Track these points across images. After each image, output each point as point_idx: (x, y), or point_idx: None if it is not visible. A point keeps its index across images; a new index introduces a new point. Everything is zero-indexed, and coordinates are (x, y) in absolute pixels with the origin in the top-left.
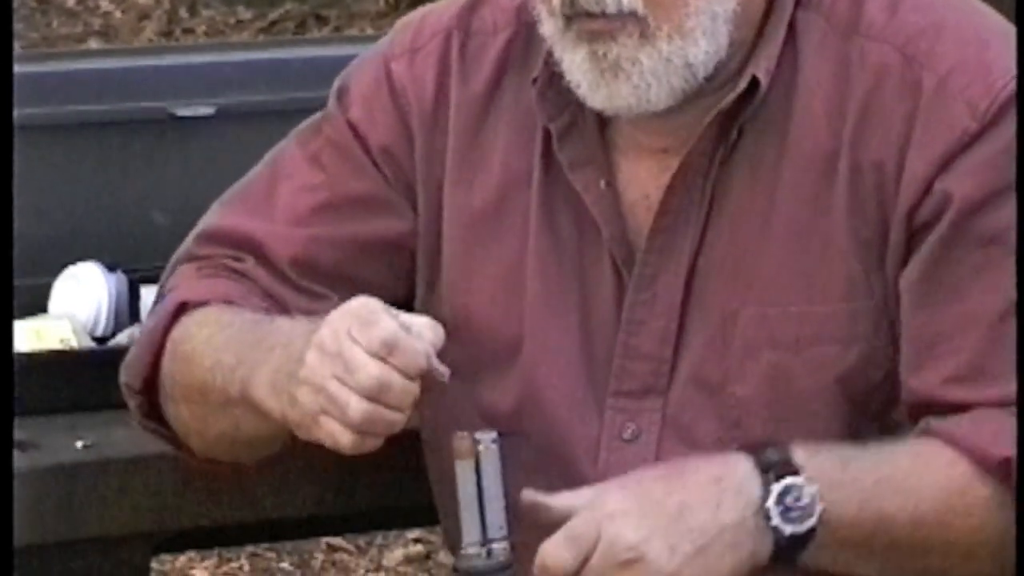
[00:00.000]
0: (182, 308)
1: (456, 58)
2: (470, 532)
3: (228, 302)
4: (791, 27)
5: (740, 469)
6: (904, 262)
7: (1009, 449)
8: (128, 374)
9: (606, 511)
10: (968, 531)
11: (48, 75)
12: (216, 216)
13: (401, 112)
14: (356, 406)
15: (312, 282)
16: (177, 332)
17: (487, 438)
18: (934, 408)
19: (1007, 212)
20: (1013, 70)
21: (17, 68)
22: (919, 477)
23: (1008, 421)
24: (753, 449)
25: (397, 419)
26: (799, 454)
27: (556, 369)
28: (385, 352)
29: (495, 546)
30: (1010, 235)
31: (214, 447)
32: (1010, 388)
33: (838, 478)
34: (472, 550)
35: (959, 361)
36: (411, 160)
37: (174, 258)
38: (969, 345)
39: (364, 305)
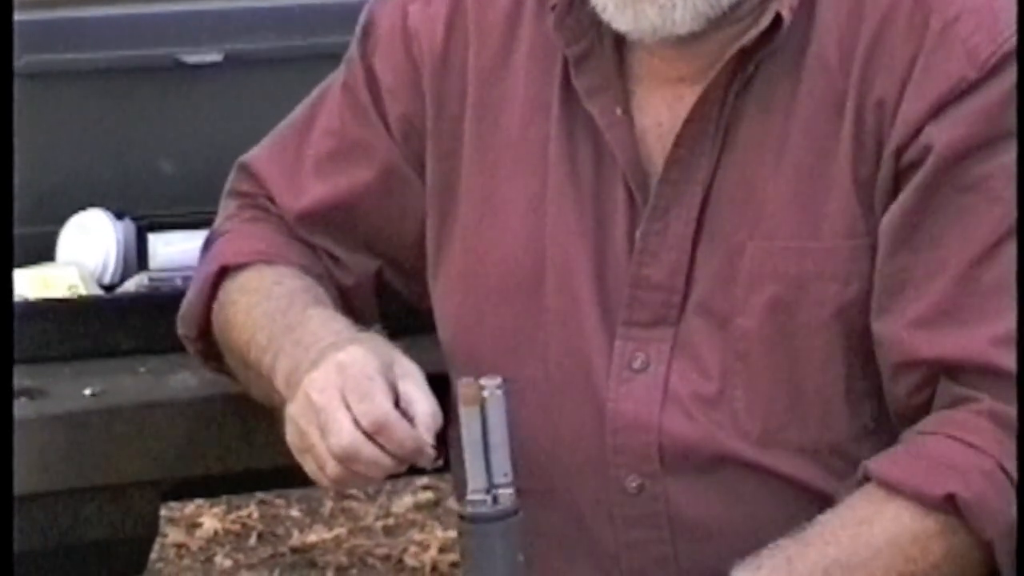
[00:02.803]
0: (225, 267)
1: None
2: (476, 478)
3: (268, 261)
4: None
5: None
6: (887, 200)
7: (950, 482)
8: (184, 326)
9: None
10: (930, 567)
11: (56, 22)
12: (258, 149)
13: (412, 58)
14: (332, 466)
15: (312, 235)
16: (223, 293)
17: (492, 384)
18: (898, 352)
19: (993, 163)
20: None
21: (25, 15)
22: (867, 546)
23: (949, 419)
24: None
25: (372, 479)
26: None
27: (572, 299)
28: (373, 431)
29: (500, 492)
30: (993, 184)
31: (262, 401)
32: (973, 340)
33: None
34: (477, 496)
35: (924, 305)
36: (421, 108)
37: (225, 189)
38: (937, 289)
39: (363, 371)
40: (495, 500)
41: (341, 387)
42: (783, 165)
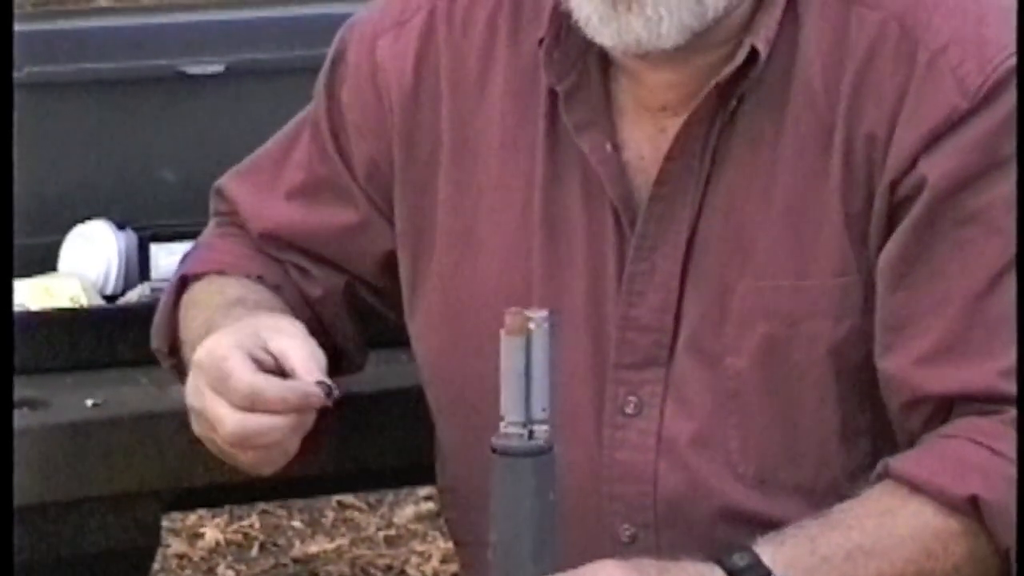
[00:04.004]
0: (185, 279)
1: (444, 35)
2: (513, 411)
3: (220, 272)
4: None
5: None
6: (883, 235)
7: (974, 484)
8: (156, 340)
9: (605, 570)
10: (951, 568)
11: (58, 33)
12: (231, 172)
13: (379, 94)
14: (241, 455)
15: (279, 251)
16: (182, 306)
17: (540, 316)
18: (907, 391)
19: (989, 194)
20: (1010, 47)
21: (28, 26)
22: (890, 535)
23: (974, 425)
24: (719, 555)
25: (288, 446)
26: (766, 552)
27: (564, 342)
28: (248, 404)
29: (537, 427)
30: (991, 215)
31: None
32: (981, 373)
33: (809, 564)
34: (513, 429)
35: (930, 341)
36: (387, 147)
37: (210, 208)
38: (941, 325)
39: (214, 357)
40: (531, 435)
41: (206, 383)
42: (771, 202)
